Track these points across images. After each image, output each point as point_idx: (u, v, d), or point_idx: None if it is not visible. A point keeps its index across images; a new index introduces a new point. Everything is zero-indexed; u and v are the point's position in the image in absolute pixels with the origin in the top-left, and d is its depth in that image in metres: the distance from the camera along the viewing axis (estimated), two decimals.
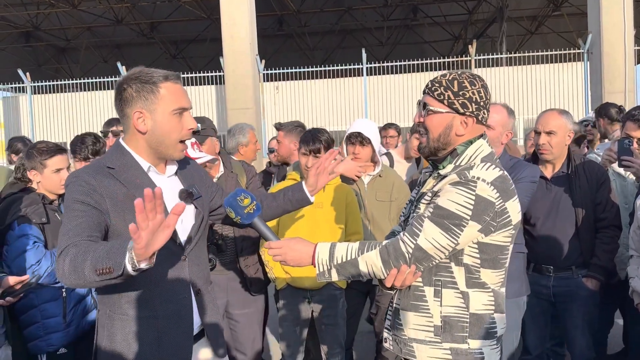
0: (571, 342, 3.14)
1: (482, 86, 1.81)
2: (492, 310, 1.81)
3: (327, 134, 3.14)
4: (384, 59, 14.27)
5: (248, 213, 1.87)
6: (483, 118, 1.83)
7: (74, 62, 24.30)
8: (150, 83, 1.76)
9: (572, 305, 3.07)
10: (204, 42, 21.72)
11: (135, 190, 1.74)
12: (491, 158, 1.81)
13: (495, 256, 1.78)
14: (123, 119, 1.82)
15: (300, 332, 3.18)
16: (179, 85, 1.82)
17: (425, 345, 1.82)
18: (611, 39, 11.35)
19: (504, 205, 1.73)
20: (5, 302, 2.34)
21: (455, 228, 1.69)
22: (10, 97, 15.69)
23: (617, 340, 4.39)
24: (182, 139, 1.82)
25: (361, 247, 1.80)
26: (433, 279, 1.81)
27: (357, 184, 3.43)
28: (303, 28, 21.64)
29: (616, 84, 11.26)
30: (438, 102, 1.81)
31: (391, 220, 3.44)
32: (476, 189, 1.69)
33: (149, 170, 1.83)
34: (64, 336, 2.74)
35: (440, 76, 1.83)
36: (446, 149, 1.83)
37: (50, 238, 2.74)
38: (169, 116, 1.77)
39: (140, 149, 1.82)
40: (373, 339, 3.74)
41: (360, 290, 3.47)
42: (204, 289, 1.94)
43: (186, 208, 1.81)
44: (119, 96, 1.80)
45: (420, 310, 1.83)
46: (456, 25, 22.29)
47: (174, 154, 1.83)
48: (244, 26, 12.01)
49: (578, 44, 12.23)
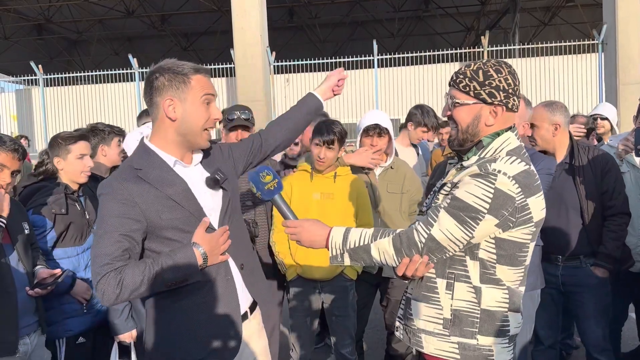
0: (584, 333, 3.10)
1: (510, 73, 1.76)
2: (506, 308, 1.78)
3: (340, 125, 3.14)
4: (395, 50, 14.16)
5: (268, 190, 1.91)
6: (513, 105, 1.78)
7: (85, 54, 24.42)
8: (182, 74, 1.83)
9: (582, 295, 3.05)
10: (214, 34, 21.73)
11: (164, 189, 1.80)
12: (518, 152, 1.76)
13: (513, 253, 1.74)
14: (152, 107, 1.87)
15: (310, 323, 3.18)
16: (208, 79, 1.90)
17: (434, 337, 1.81)
18: (626, 30, 11.19)
19: (525, 201, 1.68)
20: (34, 293, 2.44)
21: (470, 221, 1.66)
22: (23, 90, 15.83)
23: (631, 333, 4.34)
24: (207, 127, 1.89)
25: (375, 234, 1.79)
26: (446, 271, 1.79)
27: (368, 175, 3.41)
28: (314, 20, 21.55)
29: (631, 75, 11.11)
30: (464, 94, 1.78)
31: (402, 212, 3.42)
32: (496, 182, 1.66)
33: (175, 165, 1.88)
34: (82, 322, 2.78)
35: (464, 67, 1.80)
36: (474, 140, 1.80)
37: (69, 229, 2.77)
38: (198, 105, 1.85)
39: (168, 141, 1.87)
40: (383, 331, 3.73)
41: (371, 282, 3.46)
42: (246, 261, 1.98)
43: (214, 192, 1.94)
44: (149, 85, 1.85)
45: (431, 301, 1.81)
46: (468, 17, 22.07)
47: (201, 142, 1.90)
48: (255, 18, 11.98)
49: (592, 35, 12.07)
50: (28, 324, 2.44)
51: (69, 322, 2.74)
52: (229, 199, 1.99)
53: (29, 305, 2.45)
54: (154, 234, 1.80)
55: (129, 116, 14.14)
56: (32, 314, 2.48)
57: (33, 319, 2.48)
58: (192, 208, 1.83)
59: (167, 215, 1.77)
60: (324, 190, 3.14)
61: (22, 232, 2.47)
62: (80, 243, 2.81)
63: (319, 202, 3.09)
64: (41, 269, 2.52)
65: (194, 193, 1.85)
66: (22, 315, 2.37)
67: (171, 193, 1.80)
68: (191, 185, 1.88)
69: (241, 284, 1.97)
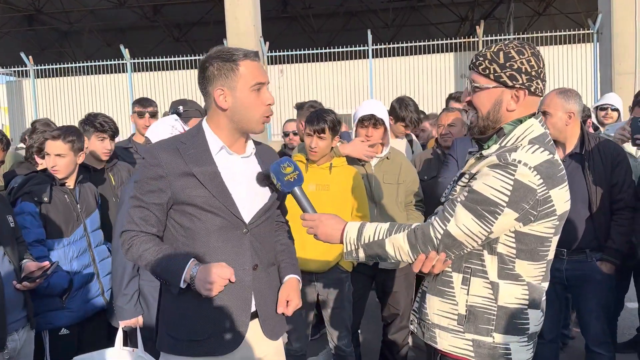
0: (585, 327, 3.08)
1: (533, 54, 1.67)
2: (526, 305, 1.70)
3: (333, 114, 3.07)
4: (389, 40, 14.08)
5: (288, 181, 1.88)
6: (537, 89, 1.69)
7: (77, 46, 24.15)
8: (231, 61, 1.83)
9: (586, 289, 3.00)
10: (207, 24, 21.52)
11: (192, 167, 1.83)
12: (542, 140, 1.67)
13: (534, 247, 1.67)
14: (206, 97, 1.90)
15: (306, 315, 3.15)
16: (257, 63, 1.89)
17: (448, 332, 1.75)
18: (621, 19, 11.15)
19: (548, 193, 1.61)
20: (23, 286, 2.40)
21: (489, 215, 1.59)
22: (14, 81, 15.65)
23: (627, 323, 4.35)
24: (264, 115, 1.88)
25: (390, 229, 1.73)
26: (463, 265, 1.72)
27: (364, 166, 3.37)
28: (307, 10, 21.39)
29: (626, 65, 11.08)
30: (484, 78, 1.70)
31: (398, 203, 3.38)
32: (516, 173, 1.57)
33: (219, 151, 1.89)
34: (64, 317, 2.75)
35: (485, 49, 1.72)
36: (495, 127, 1.71)
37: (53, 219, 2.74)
38: (248, 92, 1.84)
39: (221, 127, 1.90)
40: (380, 322, 3.71)
41: (367, 273, 3.42)
42: (262, 267, 1.95)
43: (262, 188, 1.95)
44: (202, 74, 1.87)
45: (445, 296, 1.75)
46: (463, 7, 21.96)
47: (256, 127, 1.90)
48: (248, 8, 11.88)
49: (587, 24, 12.03)
50: (16, 319, 2.40)
51: (48, 315, 2.71)
52: (273, 201, 1.98)
53: (16, 300, 2.41)
54: (178, 206, 1.85)
55: (121, 107, 14.02)
56: (20, 309, 2.44)
57: (21, 314, 2.45)
58: (215, 190, 1.82)
59: (190, 192, 1.81)
60: (320, 181, 3.10)
61: (7, 226, 2.42)
62: (67, 235, 2.77)
63: (314, 193, 3.04)
64: (28, 262, 2.47)
65: (223, 178, 1.86)
66: (10, 310, 2.33)
67: (197, 172, 1.82)
68: (231, 171, 1.88)
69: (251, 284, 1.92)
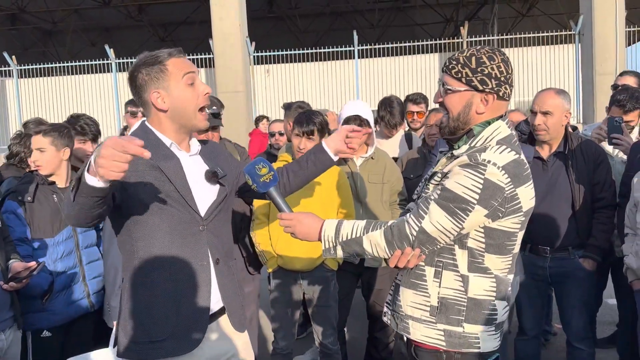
0: (568, 323, 3.13)
1: (503, 60, 1.75)
2: (493, 297, 1.79)
3: (321, 116, 3.11)
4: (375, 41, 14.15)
5: (264, 182, 1.90)
6: (505, 94, 1.77)
7: (61, 45, 23.89)
8: (157, 63, 1.82)
9: (568, 286, 3.06)
10: (193, 24, 21.41)
11: (158, 160, 1.80)
12: (509, 141, 1.75)
13: (502, 242, 1.75)
14: (143, 105, 1.89)
15: (292, 314, 3.18)
16: (182, 58, 1.88)
17: (420, 323, 1.82)
18: (602, 20, 11.33)
19: (515, 191, 1.69)
20: (9, 287, 2.39)
21: (460, 212, 1.67)
22: None
23: (606, 319, 4.44)
24: (200, 106, 1.87)
25: (367, 226, 1.79)
26: (435, 259, 1.80)
27: (349, 166, 3.41)
28: (293, 10, 21.40)
29: (607, 65, 11.27)
30: (456, 81, 1.77)
31: (383, 202, 3.43)
32: (485, 172, 1.65)
33: (170, 146, 1.89)
34: (45, 319, 2.74)
35: (458, 53, 1.78)
36: (465, 128, 1.79)
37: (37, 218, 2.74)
38: (183, 88, 1.84)
39: (165, 128, 1.89)
40: (366, 320, 3.75)
41: (352, 272, 3.46)
42: (223, 260, 1.96)
43: (210, 185, 1.94)
44: (133, 85, 1.86)
45: (418, 288, 1.83)
46: (448, 8, 22.12)
47: (198, 123, 1.89)
48: (234, 8, 11.86)
49: (569, 26, 12.21)
50: (3, 319, 2.40)
51: (30, 317, 2.70)
52: (225, 195, 1.98)
53: (3, 301, 2.40)
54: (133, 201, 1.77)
55: (105, 107, 13.93)
56: (7, 310, 2.43)
57: (8, 314, 2.44)
58: (178, 184, 1.83)
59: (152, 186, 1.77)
60: None
61: None
62: (52, 235, 2.77)
63: (300, 192, 3.07)
64: (15, 262, 2.47)
65: (187, 178, 1.85)
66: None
67: (163, 166, 1.81)
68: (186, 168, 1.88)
69: (214, 278, 1.93)
